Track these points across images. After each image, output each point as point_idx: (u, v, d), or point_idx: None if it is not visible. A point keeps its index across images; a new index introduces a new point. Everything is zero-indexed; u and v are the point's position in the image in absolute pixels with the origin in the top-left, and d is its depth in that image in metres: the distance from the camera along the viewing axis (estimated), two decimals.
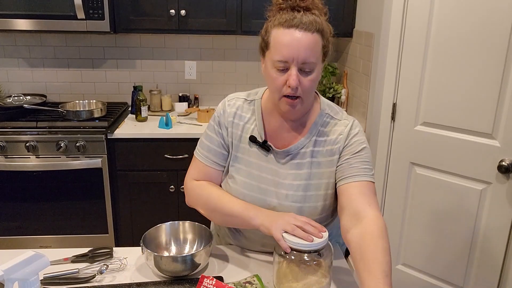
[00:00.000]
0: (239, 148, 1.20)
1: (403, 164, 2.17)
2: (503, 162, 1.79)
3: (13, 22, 2.32)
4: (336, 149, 1.16)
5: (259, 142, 1.18)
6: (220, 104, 1.25)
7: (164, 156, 2.41)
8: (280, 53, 1.04)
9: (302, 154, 1.17)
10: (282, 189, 1.16)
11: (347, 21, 2.56)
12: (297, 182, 1.16)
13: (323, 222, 1.18)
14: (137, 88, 2.60)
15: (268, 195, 1.17)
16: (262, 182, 1.18)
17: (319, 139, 1.17)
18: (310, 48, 1.03)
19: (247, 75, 2.94)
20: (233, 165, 1.21)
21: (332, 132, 1.18)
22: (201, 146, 1.25)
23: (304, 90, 1.07)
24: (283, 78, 1.06)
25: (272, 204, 1.17)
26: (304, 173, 1.16)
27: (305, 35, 1.03)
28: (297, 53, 1.03)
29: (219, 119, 1.22)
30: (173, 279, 1.14)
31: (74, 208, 2.41)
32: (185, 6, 2.44)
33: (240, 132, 1.20)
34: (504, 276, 1.89)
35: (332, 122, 1.19)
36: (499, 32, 1.74)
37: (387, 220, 2.30)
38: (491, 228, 1.91)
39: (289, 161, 1.17)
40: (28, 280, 0.83)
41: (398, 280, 2.33)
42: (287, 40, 1.03)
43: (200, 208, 1.23)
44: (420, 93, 2.04)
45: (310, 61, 1.04)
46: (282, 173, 1.17)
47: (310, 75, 1.06)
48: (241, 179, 1.19)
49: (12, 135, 2.27)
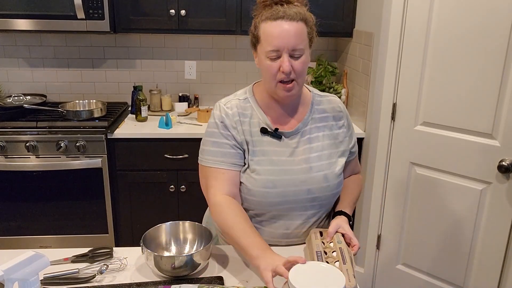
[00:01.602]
0: (253, 142, 1.25)
1: (403, 164, 2.17)
2: (503, 162, 1.79)
3: (13, 22, 2.32)
4: (341, 124, 1.33)
5: (271, 131, 1.25)
6: (217, 111, 1.27)
7: (164, 156, 2.41)
8: (272, 43, 1.14)
9: (309, 130, 1.28)
10: (303, 164, 1.25)
11: (347, 21, 2.56)
12: (314, 154, 1.26)
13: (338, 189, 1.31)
14: (137, 88, 2.60)
15: (294, 173, 1.24)
16: (284, 164, 1.24)
17: (319, 116, 1.30)
18: (297, 35, 1.14)
19: (247, 74, 2.94)
20: (252, 159, 1.24)
21: (330, 108, 1.33)
22: (212, 155, 1.24)
23: (297, 73, 1.17)
24: (277, 65, 1.16)
25: (301, 179, 1.24)
26: (316, 145, 1.28)
27: (292, 24, 1.14)
28: (287, 42, 1.13)
29: (224, 122, 1.24)
30: (173, 279, 1.14)
31: (74, 208, 2.41)
32: (185, 6, 2.44)
33: (248, 127, 1.25)
34: (504, 276, 1.89)
35: (323, 99, 1.34)
36: (499, 32, 1.74)
37: (387, 220, 2.30)
38: (491, 228, 1.91)
39: (300, 139, 1.27)
40: (28, 280, 0.83)
41: (398, 280, 2.34)
42: (276, 31, 1.14)
43: (218, 225, 1.22)
44: (420, 93, 2.04)
45: (299, 47, 1.15)
46: (298, 151, 1.26)
47: (300, 59, 1.17)
48: (264, 168, 1.23)
49: (12, 135, 2.27)
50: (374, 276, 2.45)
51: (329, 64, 2.81)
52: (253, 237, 1.12)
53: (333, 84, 2.74)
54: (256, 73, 2.94)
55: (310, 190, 1.24)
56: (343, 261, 1.08)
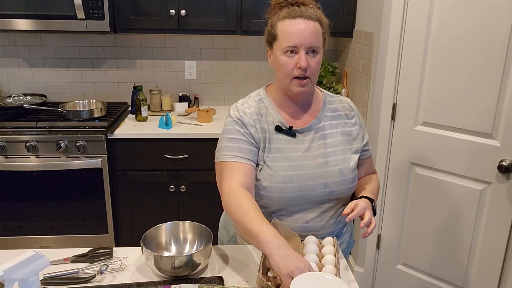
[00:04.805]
0: (270, 140, 1.28)
1: (403, 164, 2.17)
2: (503, 162, 1.79)
3: (13, 22, 2.32)
4: (353, 122, 1.37)
5: (285, 129, 1.29)
6: (234, 111, 1.29)
7: (164, 156, 2.41)
8: (290, 40, 1.19)
9: (322, 127, 1.32)
10: (319, 158, 1.28)
11: (347, 21, 2.56)
12: (329, 149, 1.30)
13: (352, 183, 1.33)
14: (137, 88, 2.60)
15: (310, 168, 1.27)
16: (299, 160, 1.27)
17: (331, 114, 1.34)
18: (314, 33, 1.20)
19: (247, 75, 2.94)
20: (268, 156, 1.27)
21: (341, 107, 1.37)
22: (228, 150, 1.25)
23: (312, 71, 1.22)
24: (293, 61, 1.21)
25: (317, 173, 1.27)
26: (330, 141, 1.31)
27: (309, 23, 1.20)
28: (304, 39, 1.19)
29: (242, 120, 1.27)
30: (173, 279, 1.14)
31: (74, 208, 2.41)
32: (185, 6, 2.44)
33: (266, 125, 1.29)
34: (504, 276, 1.89)
35: (335, 99, 1.38)
36: (499, 32, 1.74)
37: (387, 220, 2.30)
38: (491, 228, 1.91)
39: (315, 135, 1.31)
40: (28, 280, 0.83)
41: (398, 280, 2.34)
42: (294, 29, 1.19)
43: (230, 215, 1.18)
44: (420, 93, 2.04)
45: (315, 45, 1.20)
46: (313, 146, 1.29)
47: (316, 57, 1.22)
48: (281, 164, 1.26)
49: (12, 135, 2.27)
50: (374, 276, 2.45)
51: (329, 64, 2.81)
52: (267, 225, 1.07)
53: (333, 84, 2.74)
54: (256, 73, 2.94)
55: (326, 184, 1.27)
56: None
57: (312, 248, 1.19)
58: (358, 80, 2.49)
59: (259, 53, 2.90)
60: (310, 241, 1.23)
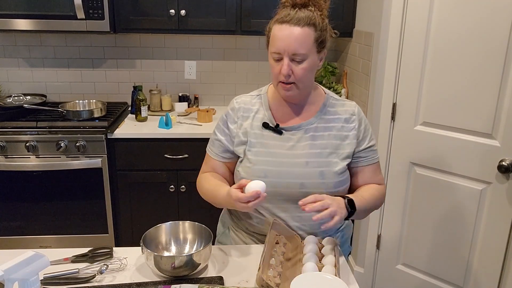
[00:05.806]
0: (252, 134, 1.32)
1: (403, 164, 2.17)
2: (503, 162, 1.79)
3: (13, 22, 2.32)
4: (352, 127, 1.32)
5: (272, 126, 1.31)
6: (229, 105, 1.39)
7: (164, 156, 2.41)
8: (275, 45, 1.20)
9: (314, 128, 1.31)
10: (302, 158, 1.28)
11: (347, 21, 2.56)
12: (314, 150, 1.29)
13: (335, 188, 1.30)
14: (137, 88, 2.60)
15: (289, 166, 1.27)
16: (281, 157, 1.28)
17: (329, 117, 1.32)
18: (299, 40, 1.17)
19: (247, 74, 2.94)
20: (250, 150, 1.31)
21: (342, 111, 1.34)
22: (210, 144, 1.41)
23: (297, 77, 1.22)
24: (279, 67, 1.22)
25: (295, 172, 1.27)
26: (319, 143, 1.30)
27: (295, 29, 1.17)
28: (288, 46, 1.17)
29: (227, 119, 1.36)
30: (173, 279, 1.14)
31: (74, 208, 2.41)
32: (185, 6, 2.44)
33: (250, 121, 1.33)
34: (504, 276, 1.89)
35: (338, 103, 1.35)
36: (499, 32, 1.74)
37: (387, 220, 2.30)
38: (491, 228, 1.91)
39: (303, 135, 1.30)
40: (28, 280, 0.83)
41: (398, 280, 2.34)
42: (279, 35, 1.19)
43: (203, 195, 1.38)
44: (420, 93, 2.04)
45: (299, 52, 1.18)
46: (299, 145, 1.29)
47: (302, 64, 1.20)
48: (261, 158, 1.29)
49: (12, 135, 2.27)
50: (374, 276, 2.45)
51: (329, 64, 2.81)
52: (226, 185, 1.29)
53: (333, 84, 2.74)
54: (256, 73, 2.94)
55: (303, 184, 1.26)
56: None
57: (312, 248, 1.19)
58: (358, 80, 2.49)
59: (259, 53, 2.90)
60: (310, 241, 1.23)
